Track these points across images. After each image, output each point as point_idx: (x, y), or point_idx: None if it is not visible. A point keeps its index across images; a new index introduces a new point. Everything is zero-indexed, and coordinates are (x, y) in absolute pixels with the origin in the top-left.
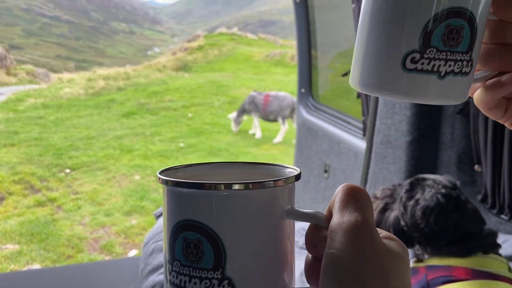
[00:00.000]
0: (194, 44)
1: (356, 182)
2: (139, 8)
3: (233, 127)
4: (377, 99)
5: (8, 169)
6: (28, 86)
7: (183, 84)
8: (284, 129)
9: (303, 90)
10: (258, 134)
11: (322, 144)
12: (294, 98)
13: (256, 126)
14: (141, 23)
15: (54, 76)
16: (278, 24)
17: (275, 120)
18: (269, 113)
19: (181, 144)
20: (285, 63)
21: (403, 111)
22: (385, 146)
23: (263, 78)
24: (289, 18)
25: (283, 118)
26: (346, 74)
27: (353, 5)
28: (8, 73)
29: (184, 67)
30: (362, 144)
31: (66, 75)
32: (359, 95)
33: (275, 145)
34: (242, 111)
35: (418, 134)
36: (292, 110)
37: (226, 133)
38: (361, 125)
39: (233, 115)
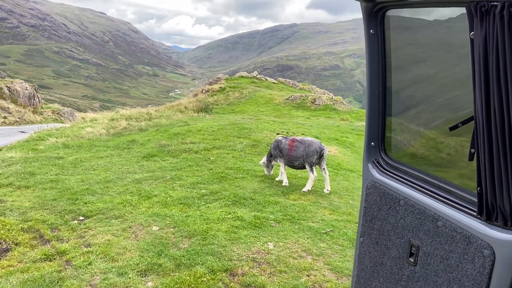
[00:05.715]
0: (216, 86)
1: (473, 282)
2: (163, 52)
3: (266, 172)
4: None
5: (19, 215)
6: (52, 125)
7: (204, 126)
8: (313, 177)
9: (373, 144)
10: (285, 182)
11: (405, 217)
12: (322, 144)
13: (282, 172)
14: (164, 66)
15: (79, 115)
16: (295, 69)
17: (301, 167)
18: (294, 159)
19: (203, 191)
20: (305, 106)
21: None
22: None
23: (284, 121)
24: (305, 64)
25: (311, 165)
26: (455, 127)
27: (472, 33)
28: (35, 112)
29: (205, 108)
30: (478, 226)
31: (89, 114)
32: (472, 157)
33: (305, 194)
34: (270, 156)
35: None
36: (320, 157)
37: (251, 179)
38: (474, 199)
39: (263, 160)
